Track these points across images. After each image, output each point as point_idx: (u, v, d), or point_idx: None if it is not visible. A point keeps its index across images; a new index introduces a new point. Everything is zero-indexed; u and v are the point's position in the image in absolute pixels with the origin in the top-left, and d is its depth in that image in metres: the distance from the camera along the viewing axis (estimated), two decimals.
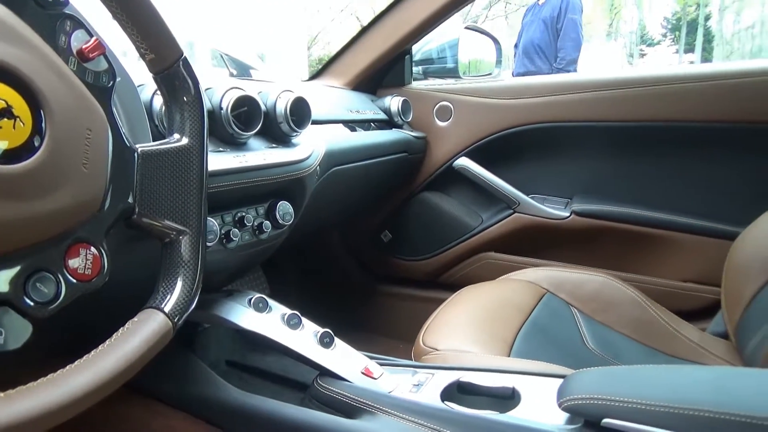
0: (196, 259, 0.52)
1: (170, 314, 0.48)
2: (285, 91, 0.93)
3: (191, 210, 0.52)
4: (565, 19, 3.84)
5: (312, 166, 0.95)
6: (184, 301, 0.50)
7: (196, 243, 0.52)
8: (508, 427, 0.65)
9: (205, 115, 0.55)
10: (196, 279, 0.52)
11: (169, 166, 0.51)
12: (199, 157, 0.53)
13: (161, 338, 0.46)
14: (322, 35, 10.25)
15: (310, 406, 0.76)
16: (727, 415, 0.51)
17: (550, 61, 3.92)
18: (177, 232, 0.51)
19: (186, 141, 0.53)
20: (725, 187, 1.32)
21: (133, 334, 0.44)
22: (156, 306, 0.49)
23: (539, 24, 3.92)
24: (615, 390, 0.59)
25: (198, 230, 0.52)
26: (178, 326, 0.49)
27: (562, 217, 1.42)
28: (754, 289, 0.96)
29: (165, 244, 0.52)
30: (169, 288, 0.50)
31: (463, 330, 0.99)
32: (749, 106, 1.24)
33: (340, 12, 10.07)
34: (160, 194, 0.50)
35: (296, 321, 0.82)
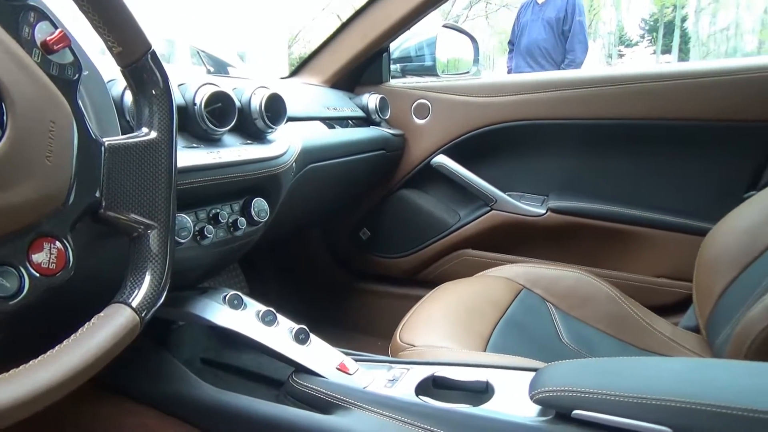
0: (164, 254, 0.52)
1: (138, 309, 0.48)
2: (260, 87, 0.93)
3: (159, 204, 0.51)
4: (573, 22, 3.84)
5: (287, 163, 0.95)
6: (152, 296, 0.49)
7: (165, 237, 0.52)
8: (481, 419, 0.65)
9: (175, 108, 0.54)
10: (165, 273, 0.51)
11: (137, 160, 0.50)
12: (168, 151, 0.53)
13: (128, 333, 0.46)
14: (303, 34, 10.22)
15: (285, 403, 0.76)
16: (694, 405, 0.52)
17: (556, 63, 3.90)
18: (145, 226, 0.51)
19: (155, 135, 0.52)
20: (697, 184, 1.35)
21: (99, 329, 0.44)
22: (123, 301, 0.48)
23: (543, 25, 3.88)
24: (585, 382, 0.59)
25: (166, 225, 0.52)
26: (146, 321, 0.49)
27: (538, 214, 1.43)
28: (724, 283, 0.98)
29: (133, 239, 0.52)
30: (137, 283, 0.50)
31: (440, 326, 1.00)
32: (719, 104, 1.27)
33: (322, 11, 10.05)
34: (127, 188, 0.50)
35: (271, 318, 0.82)
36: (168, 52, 6.02)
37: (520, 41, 4.02)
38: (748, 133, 1.27)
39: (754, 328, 0.75)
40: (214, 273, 1.05)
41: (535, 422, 0.63)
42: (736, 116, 1.26)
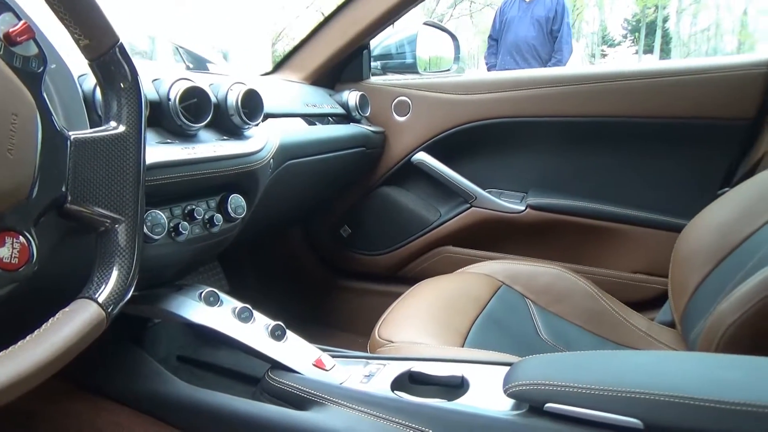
0: (132, 249, 0.51)
1: (104, 304, 0.47)
2: (236, 83, 0.92)
3: (127, 198, 0.51)
4: (562, 23, 3.90)
5: (264, 159, 0.94)
6: (119, 291, 0.49)
7: (133, 232, 0.51)
8: (455, 413, 0.65)
9: (143, 102, 0.54)
10: (132, 268, 0.51)
11: (104, 154, 0.50)
12: (136, 145, 0.52)
13: (94, 328, 0.45)
14: (287, 31, 10.17)
15: (262, 399, 0.76)
16: (663, 397, 0.53)
17: (543, 61, 3.93)
18: (112, 220, 0.50)
19: (123, 129, 0.52)
20: (672, 181, 1.37)
21: (64, 324, 0.43)
22: (89, 296, 0.48)
23: (532, 22, 3.89)
24: (558, 375, 0.60)
25: (134, 219, 0.52)
26: (113, 316, 0.49)
27: (517, 211, 1.44)
28: (698, 279, 1.00)
29: (100, 234, 0.51)
30: (104, 278, 0.49)
31: (418, 322, 1.00)
32: (694, 102, 1.29)
33: (306, 8, 10.01)
34: (94, 182, 0.49)
35: (247, 314, 0.81)
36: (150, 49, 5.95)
37: (505, 37, 4.03)
38: (722, 131, 1.29)
39: (724, 321, 0.76)
40: (191, 270, 1.04)
41: (508, 416, 0.63)
42: (711, 114, 1.28)
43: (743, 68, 1.26)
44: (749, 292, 0.75)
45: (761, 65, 1.24)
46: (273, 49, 9.06)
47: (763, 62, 1.24)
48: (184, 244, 0.81)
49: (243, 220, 0.94)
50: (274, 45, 9.39)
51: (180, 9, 8.24)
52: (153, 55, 5.69)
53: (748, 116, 1.26)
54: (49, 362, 0.41)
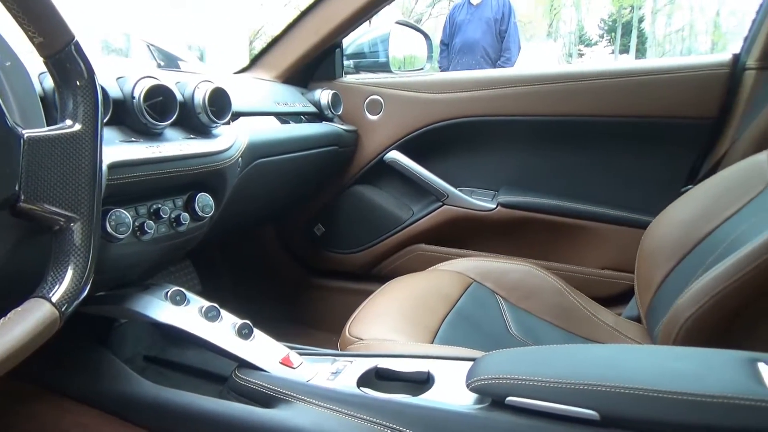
0: (87, 247, 0.51)
1: (57, 303, 0.47)
2: (204, 81, 0.92)
3: (82, 197, 0.51)
4: (509, 24, 4.02)
5: (233, 158, 0.94)
6: (74, 290, 0.49)
7: (88, 231, 0.51)
8: (418, 408, 0.66)
9: (100, 100, 0.53)
10: (88, 267, 0.50)
11: (59, 152, 0.49)
12: (92, 143, 0.52)
13: (47, 328, 0.45)
14: (265, 29, 10.11)
15: (228, 398, 0.76)
16: (618, 388, 0.54)
17: (492, 61, 4.04)
18: (67, 219, 0.50)
19: (78, 127, 0.51)
20: (639, 179, 1.40)
21: (16, 324, 0.43)
22: (42, 295, 0.47)
23: (480, 24, 4.04)
24: (519, 369, 0.61)
25: (90, 218, 0.51)
26: (67, 315, 0.48)
27: (488, 209, 1.46)
28: (662, 274, 1.02)
29: (55, 232, 0.51)
30: (58, 277, 0.49)
31: (389, 319, 1.00)
32: (659, 101, 1.32)
33: (284, 6, 9.95)
34: (48, 181, 0.49)
35: (214, 313, 0.81)
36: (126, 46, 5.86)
37: (455, 40, 4.16)
38: (687, 130, 1.32)
39: (681, 315, 0.78)
40: (159, 269, 1.04)
41: (470, 410, 0.64)
42: (676, 113, 1.31)
43: (706, 69, 1.29)
44: (705, 287, 0.77)
45: (723, 66, 1.27)
46: (251, 47, 9.00)
47: (725, 63, 1.28)
48: (149, 243, 0.81)
49: (211, 219, 0.93)
50: (252, 43, 9.33)
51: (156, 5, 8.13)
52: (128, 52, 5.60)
53: (711, 115, 1.29)
54: (1, 361, 0.41)
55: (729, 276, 0.74)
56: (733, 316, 0.75)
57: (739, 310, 0.75)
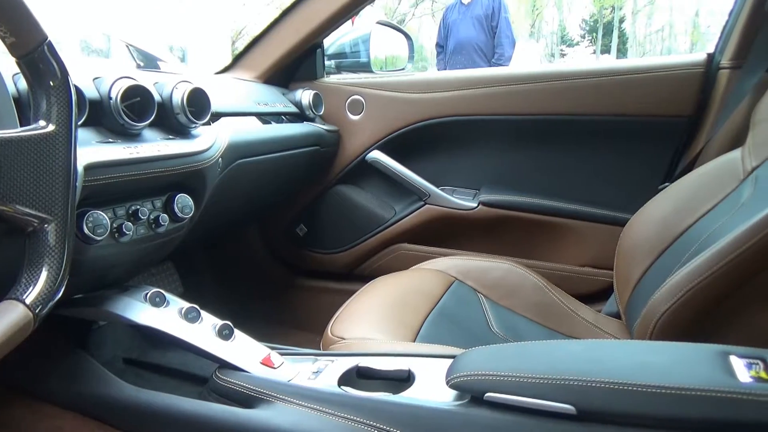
0: (62, 249, 0.50)
1: (31, 305, 0.47)
2: (182, 81, 0.91)
3: (56, 198, 0.50)
4: (500, 18, 4.02)
5: (212, 158, 0.94)
6: (48, 292, 0.48)
7: (62, 232, 0.51)
8: (398, 406, 0.66)
9: (74, 100, 0.53)
10: (62, 269, 0.50)
11: (32, 153, 0.49)
12: (66, 144, 0.51)
13: (20, 330, 0.45)
14: (247, 29, 10.05)
15: (209, 399, 0.76)
16: (594, 383, 0.55)
17: (487, 58, 4.05)
18: (40, 220, 0.50)
19: (52, 128, 0.51)
20: (618, 177, 1.42)
21: None
22: (16, 297, 0.47)
23: (473, 23, 4.04)
24: (497, 366, 0.62)
25: (64, 219, 0.51)
26: (41, 317, 0.48)
27: (470, 208, 1.47)
28: (640, 271, 1.04)
29: (29, 234, 0.50)
30: (32, 278, 0.48)
31: (371, 319, 1.01)
32: (637, 100, 1.34)
33: (266, 6, 9.90)
34: (21, 182, 0.48)
35: (194, 314, 0.81)
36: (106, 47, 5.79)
37: (450, 41, 4.17)
38: (664, 128, 1.34)
39: (657, 310, 0.80)
40: (139, 271, 1.03)
41: (450, 406, 0.64)
42: (653, 112, 1.33)
43: (682, 68, 1.31)
44: (678, 282, 0.78)
45: (698, 65, 1.30)
46: (234, 47, 8.94)
47: (699, 62, 1.30)
48: (128, 244, 0.80)
49: (191, 220, 0.93)
50: (234, 43, 9.27)
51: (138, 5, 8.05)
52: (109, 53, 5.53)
53: (686, 114, 1.31)
54: None
55: (701, 272, 0.76)
56: (706, 310, 0.77)
57: (712, 304, 0.76)
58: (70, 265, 0.53)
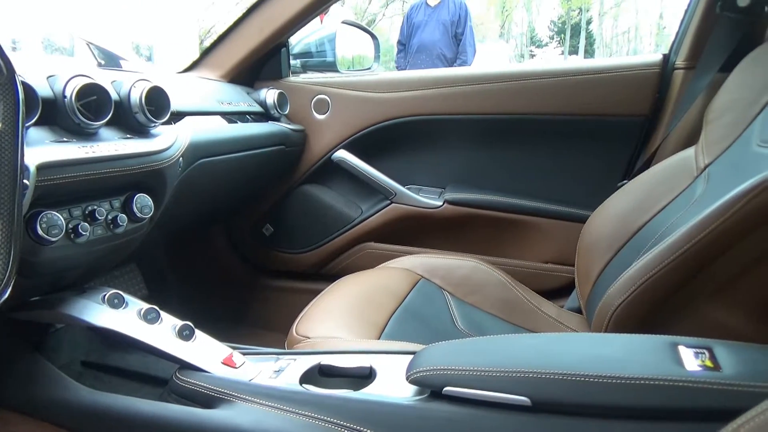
0: (8, 250, 0.49)
1: None
2: (140, 80, 0.90)
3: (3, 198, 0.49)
4: (466, 27, 4.11)
5: (172, 158, 0.93)
6: None
7: (8, 232, 0.50)
8: (359, 403, 0.67)
9: (21, 99, 0.52)
10: (8, 270, 0.49)
11: None
12: (12, 143, 0.50)
13: None
14: (216, 28, 9.93)
15: (169, 400, 0.75)
16: (548, 375, 0.57)
17: (448, 62, 4.12)
18: None
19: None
20: (579, 175, 1.45)
21: None
22: None
23: (438, 26, 4.10)
24: (456, 360, 0.63)
25: (11, 219, 0.50)
26: None
27: (436, 206, 1.48)
28: (600, 266, 1.06)
29: None
30: None
31: (336, 317, 1.01)
32: (597, 100, 1.37)
33: (236, 5, 9.79)
34: None
35: (154, 315, 0.80)
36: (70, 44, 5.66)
37: (413, 41, 4.22)
38: (622, 127, 1.38)
39: (612, 303, 0.82)
40: (98, 272, 1.01)
41: (410, 401, 0.65)
42: (611, 111, 1.36)
43: (639, 68, 1.34)
44: (632, 276, 0.81)
45: (654, 66, 1.33)
46: (202, 46, 8.82)
47: (655, 63, 1.34)
48: (84, 245, 0.79)
49: (151, 221, 0.92)
50: (203, 42, 9.14)
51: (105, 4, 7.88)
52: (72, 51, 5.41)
53: (644, 113, 1.35)
54: None
55: (653, 266, 0.78)
56: (658, 303, 0.79)
57: (663, 297, 0.79)
58: (24, 267, 0.52)
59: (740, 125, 0.98)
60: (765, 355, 0.60)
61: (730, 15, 1.20)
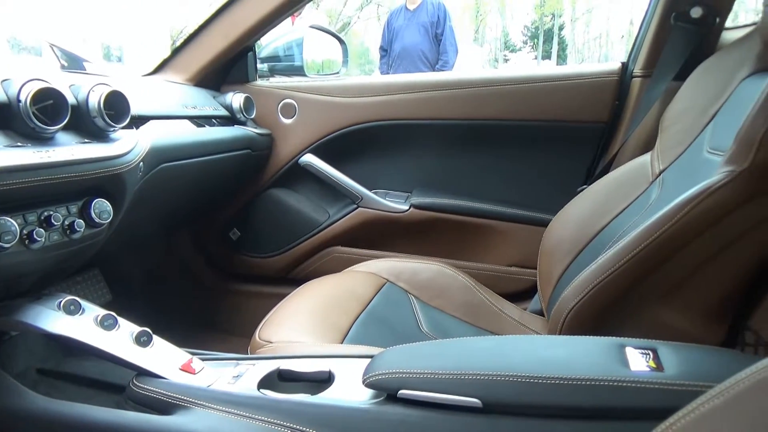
0: None
1: None
2: (99, 84, 0.89)
3: None
4: (445, 27, 4.15)
5: (132, 162, 0.92)
6: None
7: None
8: (316, 407, 0.68)
9: None
10: None
11: None
12: None
13: None
14: (188, 29, 9.82)
15: (126, 408, 0.75)
16: (498, 377, 0.58)
17: (431, 64, 4.14)
18: None
19: None
20: (541, 180, 1.48)
21: None
22: None
23: (418, 29, 4.14)
24: (411, 364, 0.64)
25: None
26: None
27: (402, 211, 1.50)
28: (560, 269, 1.08)
29: None
30: None
31: (300, 322, 1.01)
32: (558, 106, 1.40)
33: (209, 6, 9.71)
34: None
35: (111, 322, 0.79)
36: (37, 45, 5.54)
37: (394, 46, 4.26)
38: (582, 133, 1.41)
39: (566, 306, 0.84)
40: (56, 278, 1.00)
41: (365, 405, 0.66)
42: (572, 118, 1.40)
43: (598, 76, 1.38)
44: (586, 279, 0.83)
45: (613, 73, 1.37)
46: (174, 46, 8.73)
47: (614, 71, 1.37)
48: (39, 251, 0.78)
49: (110, 225, 0.91)
50: (174, 42, 9.05)
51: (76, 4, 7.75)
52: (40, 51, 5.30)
53: (603, 119, 1.38)
54: None
55: (604, 270, 0.80)
56: (610, 305, 0.81)
57: (615, 300, 0.81)
58: None
59: (692, 132, 1.01)
60: (705, 355, 0.63)
61: (684, 26, 1.24)
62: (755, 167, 0.70)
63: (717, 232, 0.75)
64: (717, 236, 0.75)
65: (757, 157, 0.69)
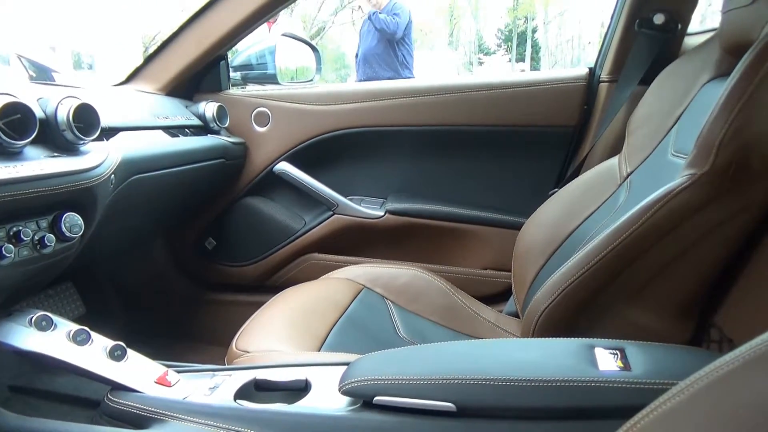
0: None
1: None
2: (68, 97, 0.88)
3: None
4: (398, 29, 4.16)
5: (103, 175, 0.91)
6: None
7: None
8: (292, 416, 0.68)
9: None
10: None
11: None
12: None
13: None
14: (161, 36, 9.72)
15: (101, 423, 0.74)
16: (471, 380, 0.59)
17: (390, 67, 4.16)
18: None
19: None
20: (514, 184, 1.50)
21: None
22: None
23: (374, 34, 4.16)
24: (386, 370, 0.65)
25: None
26: None
27: (377, 217, 1.50)
28: (534, 272, 1.10)
29: None
30: None
31: (277, 330, 1.01)
32: (530, 111, 1.43)
33: (181, 12, 9.62)
34: None
35: (84, 337, 0.79)
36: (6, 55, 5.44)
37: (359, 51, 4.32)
38: (553, 137, 1.44)
39: (538, 309, 0.86)
40: (27, 294, 0.99)
41: (342, 412, 0.67)
42: (542, 122, 1.42)
43: (567, 81, 1.41)
44: (556, 281, 0.84)
45: (581, 79, 1.40)
46: (146, 53, 8.62)
47: (582, 76, 1.40)
48: (8, 268, 0.77)
49: (82, 239, 0.90)
50: (147, 49, 8.94)
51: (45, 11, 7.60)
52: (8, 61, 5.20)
53: (572, 124, 1.41)
54: None
55: (574, 272, 0.82)
56: (580, 307, 0.83)
57: (585, 301, 0.83)
58: None
59: (658, 136, 1.04)
60: (671, 353, 0.65)
61: (648, 32, 1.28)
62: (715, 170, 0.72)
63: (681, 232, 0.77)
64: (681, 237, 0.77)
65: (716, 161, 0.72)
